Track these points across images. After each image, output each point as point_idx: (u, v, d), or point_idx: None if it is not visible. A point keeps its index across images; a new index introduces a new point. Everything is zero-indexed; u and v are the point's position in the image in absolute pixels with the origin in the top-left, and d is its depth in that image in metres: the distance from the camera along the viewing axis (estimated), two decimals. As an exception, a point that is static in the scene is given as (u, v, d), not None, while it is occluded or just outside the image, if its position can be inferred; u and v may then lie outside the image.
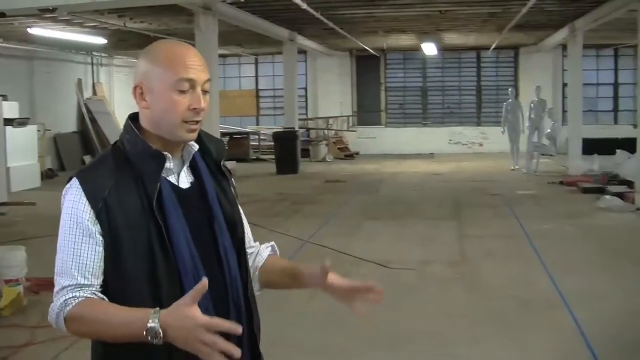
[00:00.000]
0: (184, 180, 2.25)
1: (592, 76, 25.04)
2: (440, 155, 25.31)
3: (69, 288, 2.05)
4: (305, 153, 23.11)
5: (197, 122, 2.17)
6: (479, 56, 26.62)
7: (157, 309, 1.95)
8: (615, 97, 25.73)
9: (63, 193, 2.14)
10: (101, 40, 18.67)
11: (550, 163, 19.39)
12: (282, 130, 21.21)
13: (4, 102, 15.62)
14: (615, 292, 7.51)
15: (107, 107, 23.68)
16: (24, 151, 17.16)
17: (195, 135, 2.20)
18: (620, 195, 13.27)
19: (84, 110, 22.87)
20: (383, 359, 5.79)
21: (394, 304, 7.23)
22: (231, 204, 2.32)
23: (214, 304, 2.14)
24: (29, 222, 12.46)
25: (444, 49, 24.65)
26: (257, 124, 27.43)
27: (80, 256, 2.07)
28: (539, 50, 24.69)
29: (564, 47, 23.24)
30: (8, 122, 15.65)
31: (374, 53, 25.50)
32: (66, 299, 2.03)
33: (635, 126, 23.63)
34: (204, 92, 2.18)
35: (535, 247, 9.69)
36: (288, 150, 20.01)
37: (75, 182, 2.11)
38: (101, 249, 2.08)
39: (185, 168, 2.26)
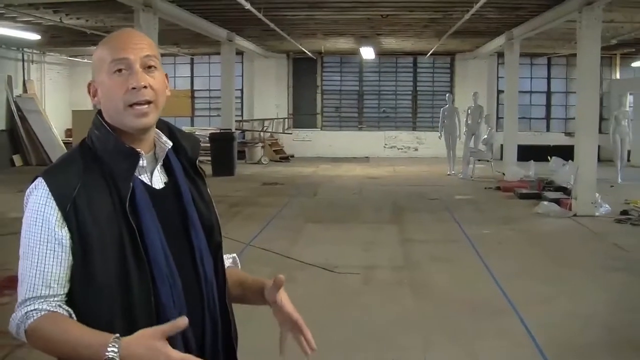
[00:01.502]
0: (158, 179, 2.09)
1: (526, 84, 25.43)
2: (376, 159, 25.40)
3: (32, 300, 1.89)
4: (241, 155, 22.88)
5: (145, 103, 2.00)
6: (415, 61, 26.79)
7: (117, 336, 1.79)
8: (548, 105, 26.21)
9: (26, 194, 1.96)
10: (34, 36, 18.10)
11: (486, 169, 19.58)
12: (218, 131, 20.97)
13: None
14: (560, 296, 7.58)
15: (38, 106, 23.03)
16: (-49, 148, 16.54)
17: (148, 120, 2.01)
18: (556, 201, 13.47)
19: (13, 108, 22.19)
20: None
21: (340, 309, 7.15)
22: (207, 206, 2.18)
23: (189, 311, 1.98)
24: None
25: (381, 53, 24.75)
26: (192, 125, 27.06)
27: (45, 264, 1.89)
28: (474, 57, 24.99)
29: (499, 54, 23.59)
30: None
31: (312, 56, 25.44)
32: (27, 312, 1.88)
33: (567, 134, 24.24)
34: (149, 67, 2.02)
35: (478, 252, 9.71)
36: (224, 152, 19.75)
37: (40, 182, 1.94)
38: (68, 255, 1.90)
39: (158, 167, 2.10)
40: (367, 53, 23.12)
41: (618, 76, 25.04)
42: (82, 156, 2.00)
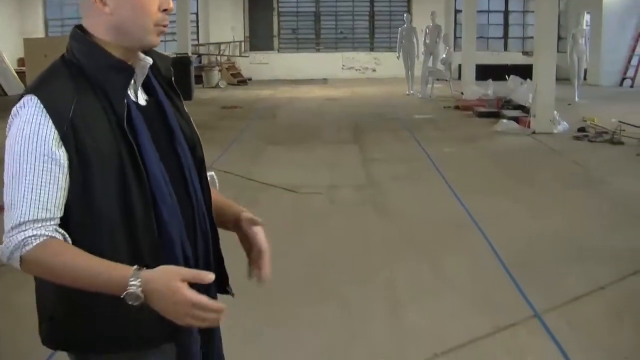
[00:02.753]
0: (140, 97, 2.04)
1: (483, 3, 25.33)
2: (334, 80, 25.28)
3: (28, 224, 1.78)
4: (198, 80, 22.60)
5: (166, 25, 1.98)
6: (372, -19, 26.48)
7: (137, 268, 1.78)
8: (506, 25, 26.19)
9: (12, 113, 1.86)
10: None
11: (444, 88, 19.61)
12: (174, 56, 20.61)
13: None
14: (520, 212, 7.71)
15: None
16: None
17: (159, 41, 1.99)
18: (515, 119, 13.59)
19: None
20: (299, 285, 5.71)
21: (304, 229, 7.18)
22: (187, 123, 2.16)
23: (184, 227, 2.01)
24: None
25: (337, -27, 24.41)
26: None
27: (41, 186, 1.80)
28: (432, -24, 24.77)
29: (456, -27, 23.42)
30: None
31: (267, -24, 25.02)
32: (25, 238, 1.77)
33: (524, 53, 24.29)
34: None
35: (439, 170, 9.79)
36: (181, 77, 19.30)
37: (32, 99, 1.83)
38: (66, 177, 1.82)
39: (139, 85, 2.05)
40: (324, -27, 22.78)
41: (575, -6, 25.04)
42: (70, 72, 1.90)
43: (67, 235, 1.83)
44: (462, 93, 18.49)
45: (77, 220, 1.86)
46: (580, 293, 5.41)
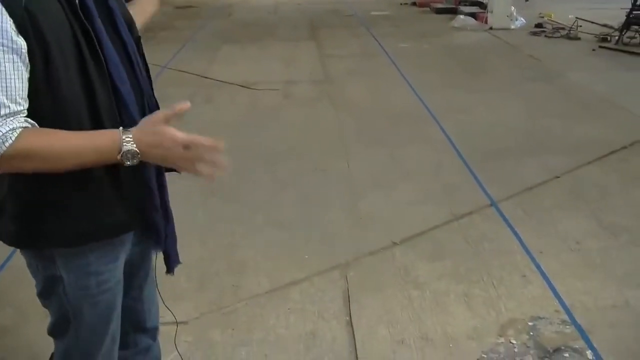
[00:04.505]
0: None
1: None
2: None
3: (1, 119, 1.66)
4: (151, -22, 21.96)
5: None
6: None
7: (124, 129, 1.77)
8: None
9: None
10: None
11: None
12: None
13: None
14: (477, 106, 7.70)
15: None
16: None
17: None
18: (473, 15, 13.49)
19: None
20: (254, 179, 5.69)
21: (262, 125, 7.14)
22: (119, 2, 2.09)
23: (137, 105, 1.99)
24: None
25: None
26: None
27: (7, 78, 1.67)
28: None
29: None
30: None
31: None
32: (4, 134, 1.65)
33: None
34: None
35: (396, 65, 9.72)
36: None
37: None
38: (27, 66, 1.71)
39: None
40: None
41: None
42: None
43: (35, 124, 1.74)
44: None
45: (43, 109, 1.77)
46: (536, 182, 5.49)
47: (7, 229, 1.96)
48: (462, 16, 13.42)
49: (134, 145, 1.75)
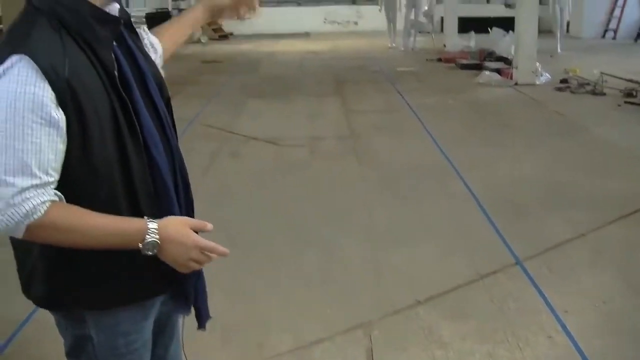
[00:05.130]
0: None
1: (466, -46, 25.10)
2: (316, 34, 25.09)
3: (32, 190, 1.70)
4: (179, 34, 22.36)
5: None
6: None
7: (151, 220, 1.84)
8: (488, -25, 26.01)
9: None
10: None
11: (427, 41, 19.47)
12: (154, 11, 20.40)
13: None
14: (501, 160, 7.72)
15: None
16: None
17: None
18: (497, 71, 13.54)
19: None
20: (278, 232, 5.71)
21: (286, 180, 7.18)
22: (150, 64, 2.11)
23: (170, 169, 2.03)
24: None
25: None
26: (127, 6, 26.22)
27: (41, 150, 1.70)
28: None
29: None
30: None
31: None
32: (34, 205, 1.70)
33: (507, 5, 24.12)
34: None
35: (421, 120, 9.77)
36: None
37: (23, 58, 1.68)
38: (63, 139, 1.74)
39: None
40: None
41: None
42: (50, 24, 1.76)
43: (62, 197, 1.77)
44: (444, 45, 18.39)
45: (76, 177, 1.81)
46: (561, 240, 5.44)
47: (37, 291, 1.97)
48: (487, 72, 13.48)
49: (157, 238, 1.81)
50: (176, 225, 1.86)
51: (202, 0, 2.45)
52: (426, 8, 19.58)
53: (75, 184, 1.80)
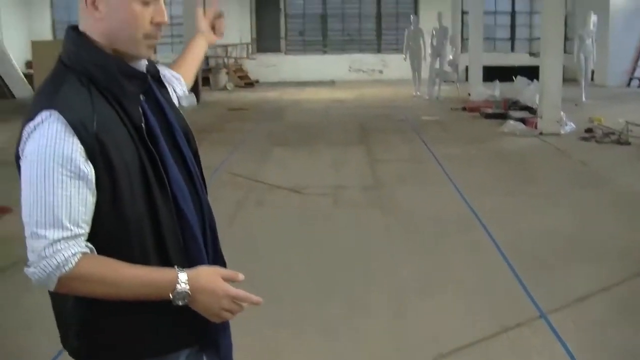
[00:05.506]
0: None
1: (490, 4, 25.30)
2: (341, 82, 25.29)
3: (62, 242, 1.75)
4: (206, 82, 22.67)
5: (158, 38, 1.94)
6: (379, -17, 26.47)
7: (181, 270, 1.87)
8: (512, 26, 26.15)
9: (28, 130, 1.78)
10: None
11: (451, 90, 19.59)
12: (181, 57, 20.66)
13: None
14: (526, 211, 7.70)
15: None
16: None
17: (152, 53, 1.96)
18: (522, 120, 13.57)
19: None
20: (302, 282, 5.72)
21: (310, 229, 7.20)
22: (178, 116, 2.14)
23: (198, 219, 2.06)
24: None
25: (344, -25, 24.41)
26: (155, 53, 26.57)
27: (71, 203, 1.75)
28: (438, -22, 24.73)
29: (463, -26, 23.42)
30: None
31: (274, -22, 25.03)
32: (66, 258, 1.75)
33: (531, 54, 24.23)
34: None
35: (445, 170, 9.79)
36: (189, 79, 19.46)
37: (53, 113, 1.75)
38: (93, 192, 1.79)
39: None
40: (331, -25, 22.80)
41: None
42: (79, 80, 1.84)
43: (93, 249, 1.82)
44: (469, 94, 18.48)
45: (107, 230, 1.85)
46: (586, 293, 5.41)
47: (71, 343, 2.01)
48: (511, 121, 13.51)
49: (188, 288, 1.83)
50: (207, 274, 1.88)
51: (201, 32, 2.71)
52: (451, 57, 19.75)
53: (105, 235, 1.85)
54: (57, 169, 1.74)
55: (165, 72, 2.33)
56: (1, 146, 12.27)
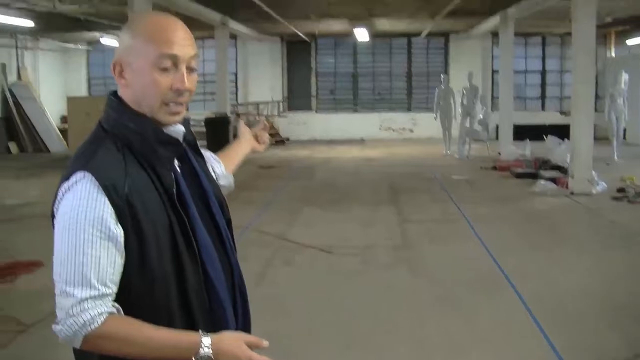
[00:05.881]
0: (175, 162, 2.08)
1: (520, 63, 25.40)
2: (371, 141, 25.40)
3: (90, 301, 1.81)
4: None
5: (181, 104, 1.99)
6: (409, 42, 26.68)
7: (205, 334, 1.89)
8: (543, 84, 26.19)
9: (63, 190, 1.86)
10: (28, 23, 18.00)
11: (482, 149, 19.58)
12: (213, 115, 20.92)
13: None
14: (555, 271, 7.66)
15: (33, 93, 23.00)
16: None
17: (178, 119, 2.01)
18: (553, 180, 13.50)
19: (8, 95, 22.13)
20: (329, 342, 5.69)
21: (338, 289, 7.19)
22: (213, 184, 2.20)
23: (228, 287, 2.09)
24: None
25: (375, 34, 24.63)
26: (187, 110, 26.89)
27: (100, 263, 1.82)
28: (469, 37, 24.88)
29: (493, 34, 23.57)
30: None
31: (305, 38, 25.34)
32: (92, 316, 1.80)
33: (562, 113, 24.22)
34: (190, 70, 1.99)
35: (474, 230, 9.75)
36: (220, 136, 19.68)
37: (86, 175, 1.83)
38: (122, 253, 1.86)
39: None
40: (361, 35, 23.05)
41: (613, 54, 24.99)
42: (116, 144, 1.92)
43: (120, 308, 1.87)
44: (499, 153, 18.46)
45: (134, 291, 1.90)
46: (617, 356, 5.33)
47: None
48: (542, 181, 13.43)
49: (210, 352, 1.85)
50: (230, 340, 1.89)
51: (248, 140, 2.89)
52: (481, 116, 19.76)
53: (132, 296, 1.89)
54: (88, 229, 1.80)
55: (206, 153, 2.39)
56: (36, 200, 12.49)
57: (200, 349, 1.84)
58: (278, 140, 25.01)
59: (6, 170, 17.41)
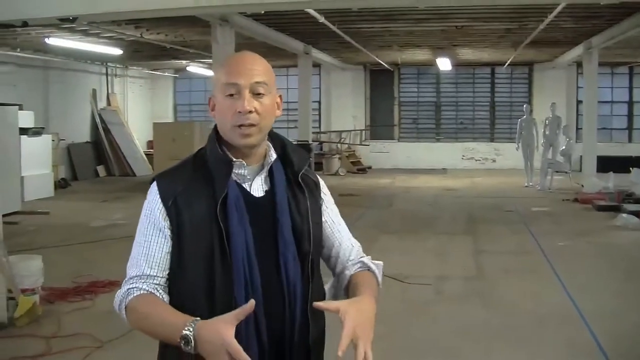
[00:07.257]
0: (259, 188, 2.27)
1: (606, 94, 24.97)
2: (453, 170, 25.28)
3: (135, 278, 2.17)
4: (318, 166, 23.11)
5: (249, 126, 2.18)
6: (493, 72, 26.55)
7: (197, 318, 2.02)
8: (630, 115, 25.61)
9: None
10: (117, 51, 18.73)
11: (564, 180, 19.28)
12: (295, 143, 21.17)
13: (20, 112, 15.49)
14: (631, 310, 7.48)
15: (121, 118, 23.80)
16: (38, 160, 17.06)
17: (250, 141, 2.21)
18: (636, 213, 13.18)
19: (97, 120, 22.97)
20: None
21: (410, 319, 7.22)
22: (302, 216, 2.29)
23: (268, 312, 2.17)
24: (43, 232, 12.44)
25: (458, 64, 24.63)
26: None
27: (149, 248, 2.19)
28: (553, 67, 24.62)
29: (578, 64, 23.25)
30: (23, 131, 15.62)
31: (388, 67, 25.49)
32: (129, 288, 2.15)
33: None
34: (257, 94, 2.20)
35: (551, 264, 9.63)
36: (301, 164, 19.88)
37: (154, 184, 2.25)
38: (169, 244, 2.19)
39: (262, 176, 2.28)
40: (444, 64, 23.08)
41: None
42: (193, 163, 2.27)
43: (164, 295, 2.18)
44: (582, 185, 18.14)
45: (172, 282, 2.21)
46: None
47: None
48: (624, 215, 13.15)
49: (192, 333, 1.96)
50: (214, 323, 1.97)
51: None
52: (564, 147, 19.47)
53: (171, 287, 2.21)
54: (144, 220, 2.23)
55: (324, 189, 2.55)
56: (120, 222, 12.91)
57: (184, 330, 1.97)
58: (360, 168, 25.13)
59: (94, 193, 18.03)
